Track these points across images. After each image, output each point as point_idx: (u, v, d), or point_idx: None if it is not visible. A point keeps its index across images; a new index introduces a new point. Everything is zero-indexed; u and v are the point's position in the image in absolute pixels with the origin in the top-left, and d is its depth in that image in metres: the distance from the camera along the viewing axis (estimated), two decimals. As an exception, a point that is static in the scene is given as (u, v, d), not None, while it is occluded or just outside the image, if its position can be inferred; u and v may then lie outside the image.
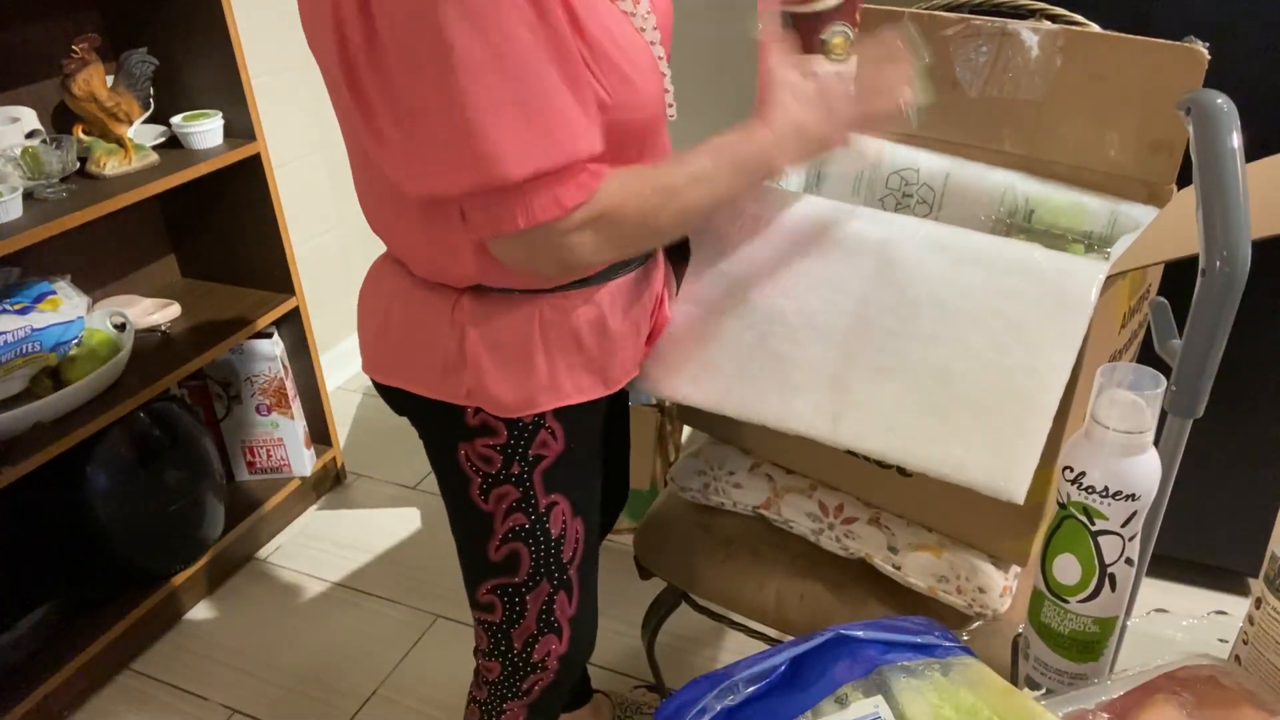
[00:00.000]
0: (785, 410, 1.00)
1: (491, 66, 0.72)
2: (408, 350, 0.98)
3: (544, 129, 0.75)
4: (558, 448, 1.00)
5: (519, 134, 0.75)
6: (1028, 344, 0.89)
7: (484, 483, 1.01)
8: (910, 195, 1.30)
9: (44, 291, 1.68)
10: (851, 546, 1.15)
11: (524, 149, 0.75)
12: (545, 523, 1.03)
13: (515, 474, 1.00)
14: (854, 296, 0.98)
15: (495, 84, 0.73)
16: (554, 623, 1.09)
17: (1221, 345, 0.65)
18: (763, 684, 0.65)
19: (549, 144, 0.76)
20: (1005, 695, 0.62)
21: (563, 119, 0.76)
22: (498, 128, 0.74)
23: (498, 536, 1.03)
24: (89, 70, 1.68)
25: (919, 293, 0.95)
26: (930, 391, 0.94)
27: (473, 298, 0.93)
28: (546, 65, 0.74)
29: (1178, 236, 0.82)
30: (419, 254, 0.94)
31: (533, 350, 0.94)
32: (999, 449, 0.90)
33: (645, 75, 0.84)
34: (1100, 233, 1.17)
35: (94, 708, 1.75)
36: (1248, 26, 1.40)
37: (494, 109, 0.73)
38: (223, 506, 1.97)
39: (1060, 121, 1.17)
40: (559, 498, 1.03)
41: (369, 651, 1.84)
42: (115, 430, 1.74)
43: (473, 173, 0.76)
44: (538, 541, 1.04)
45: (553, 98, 0.76)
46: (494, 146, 0.74)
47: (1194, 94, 0.66)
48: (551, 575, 1.06)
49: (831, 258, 1.00)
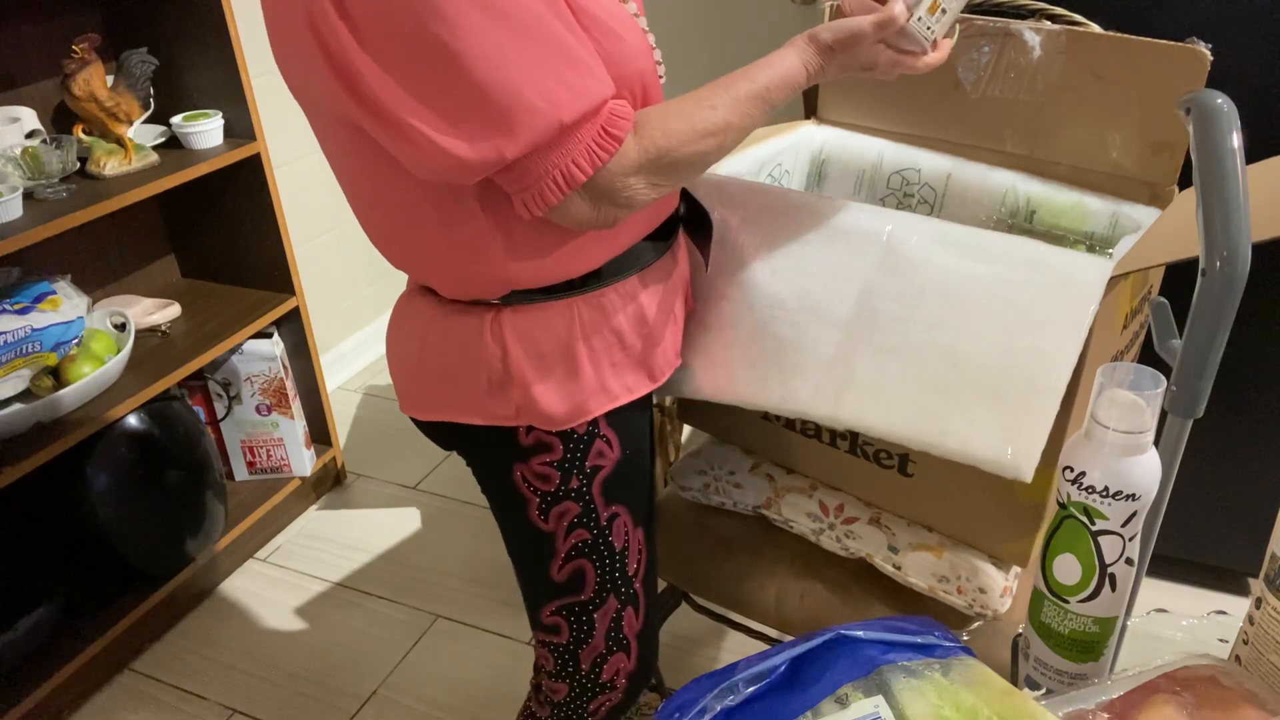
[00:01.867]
0: (786, 392, 1.00)
1: (495, 26, 0.73)
2: (449, 378, 0.95)
3: (571, 72, 0.77)
4: (614, 455, 0.99)
5: (551, 83, 0.75)
6: (1035, 329, 0.89)
7: (542, 502, 0.98)
8: (911, 195, 1.30)
9: (44, 291, 1.68)
10: (852, 546, 1.15)
11: (561, 94, 0.76)
12: (608, 536, 1.01)
13: (575, 489, 0.98)
14: (857, 284, 0.98)
15: (507, 42, 0.73)
16: (622, 639, 1.07)
17: (1221, 345, 0.65)
18: (763, 684, 0.65)
19: (580, 87, 0.77)
20: (1005, 695, 0.62)
21: (580, 63, 0.78)
22: (530, 81, 0.74)
23: (560, 556, 1.01)
24: (89, 70, 1.68)
25: (924, 280, 0.95)
26: (935, 371, 0.93)
27: (510, 311, 0.91)
28: (547, 17, 0.76)
29: (1180, 238, 0.82)
30: (444, 269, 0.92)
31: (577, 354, 0.93)
32: (1006, 426, 0.89)
33: (628, 27, 0.85)
34: (1102, 233, 1.17)
35: (94, 708, 1.75)
36: (1248, 26, 1.40)
37: (518, 65, 0.74)
38: (223, 506, 1.97)
39: (1062, 122, 1.17)
40: (619, 509, 1.01)
41: (369, 651, 1.84)
42: (115, 430, 1.73)
43: (525, 132, 0.76)
44: (602, 557, 1.02)
45: (563, 43, 0.77)
46: (536, 99, 0.75)
47: (1194, 94, 0.66)
48: (618, 590, 1.04)
49: (834, 248, 1.00)
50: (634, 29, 0.87)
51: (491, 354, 0.92)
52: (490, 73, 0.73)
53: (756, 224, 1.04)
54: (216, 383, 2.08)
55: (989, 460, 0.89)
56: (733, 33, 2.57)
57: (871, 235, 0.98)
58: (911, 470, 1.08)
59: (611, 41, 0.83)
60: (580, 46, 0.78)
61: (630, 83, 0.86)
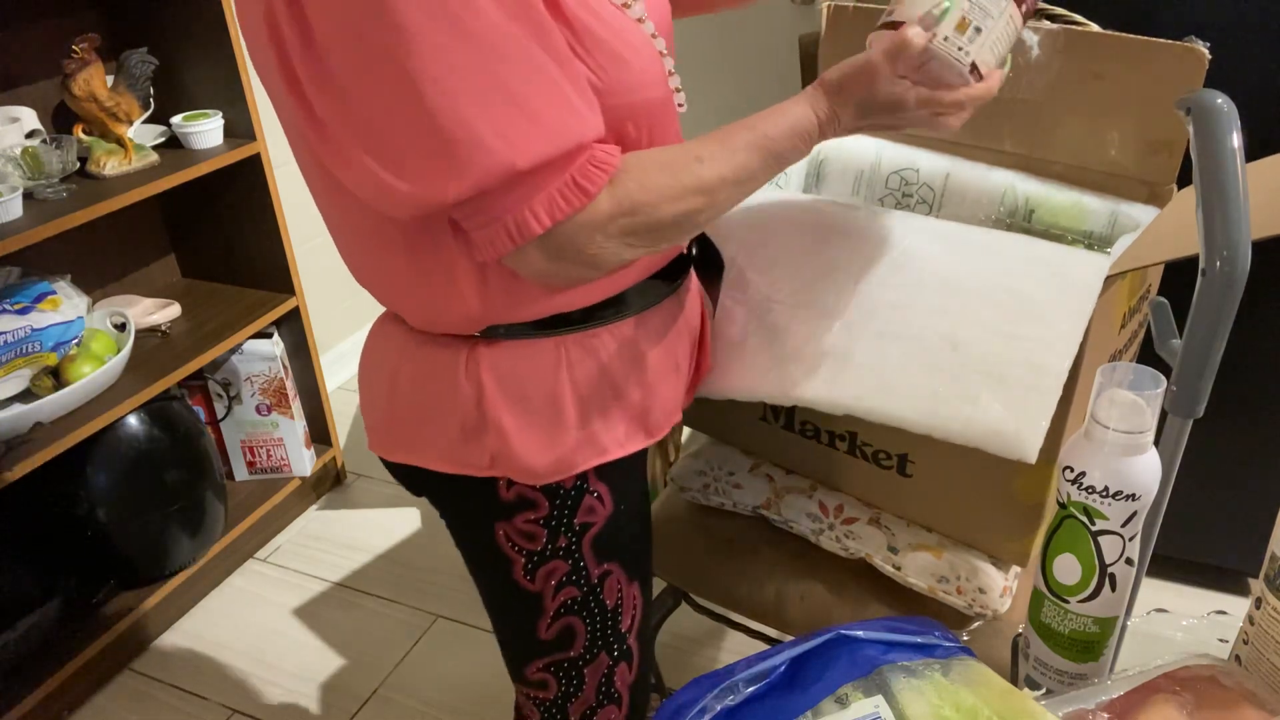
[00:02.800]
0: (782, 378, 0.97)
1: (458, 48, 0.64)
2: (421, 418, 0.86)
3: (538, 107, 0.67)
4: (606, 511, 0.90)
5: (513, 118, 0.66)
6: (1037, 317, 0.88)
7: (528, 562, 0.89)
8: (910, 195, 1.30)
9: (44, 291, 1.68)
10: (851, 546, 1.15)
11: (524, 132, 0.66)
12: (599, 594, 0.93)
13: (563, 547, 0.89)
14: (855, 276, 0.97)
15: (467, 64, 0.64)
16: (614, 693, 0.99)
17: (1221, 345, 0.65)
18: (763, 684, 0.65)
19: (548, 125, 0.67)
20: (1005, 695, 0.62)
21: (557, 96, 0.68)
22: (487, 114, 0.65)
23: (549, 615, 0.92)
24: (89, 70, 1.68)
25: (923, 273, 0.94)
26: (936, 355, 0.91)
27: (488, 345, 0.82)
28: (524, 41, 0.66)
29: (1178, 236, 0.82)
30: (412, 299, 0.82)
31: (562, 400, 0.83)
32: (1009, 406, 0.87)
33: (638, 52, 0.76)
34: (1100, 233, 1.17)
35: (94, 708, 1.75)
36: (1248, 26, 1.40)
37: (474, 91, 0.64)
38: (223, 506, 1.97)
39: (1060, 121, 1.17)
40: (612, 566, 0.92)
41: (369, 651, 1.84)
42: (115, 430, 1.73)
43: (470, 172, 0.66)
44: (593, 614, 0.93)
45: (539, 73, 0.67)
46: (484, 134, 0.65)
47: (1194, 94, 0.66)
48: (610, 647, 0.96)
49: (832, 245, 0.99)
50: (647, 53, 0.77)
51: (466, 394, 0.82)
52: (441, 99, 0.64)
53: (752, 224, 1.04)
54: (216, 383, 2.08)
55: (992, 441, 0.87)
56: (756, 62, 2.54)
57: (869, 232, 0.98)
58: (911, 470, 1.08)
59: (616, 67, 0.73)
60: (566, 78, 0.69)
61: (635, 114, 0.77)
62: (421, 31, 0.62)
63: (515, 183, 0.68)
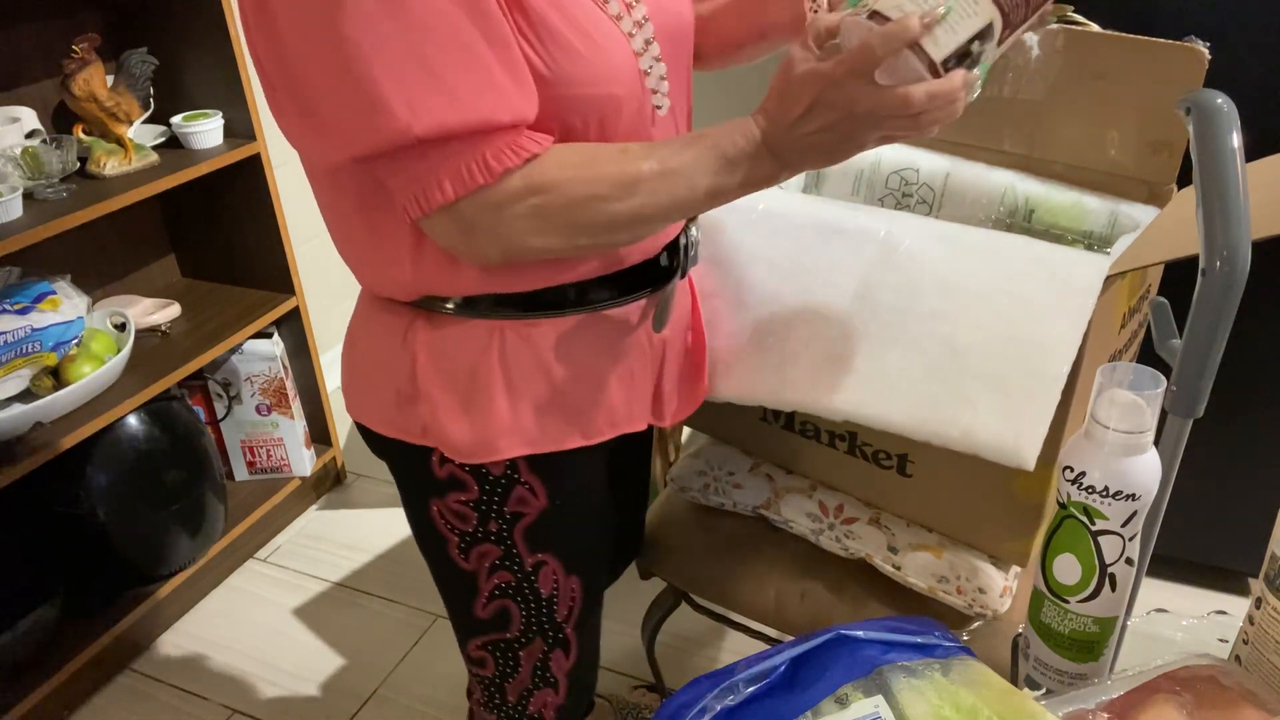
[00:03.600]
0: (781, 383, 0.97)
1: (386, 13, 0.65)
2: (368, 380, 0.90)
3: (454, 82, 0.67)
4: (539, 505, 0.90)
5: (422, 86, 0.66)
6: (1035, 320, 0.89)
7: (462, 541, 0.92)
8: (910, 195, 1.30)
9: (44, 291, 1.68)
10: (851, 546, 1.15)
11: (427, 101, 0.66)
12: (534, 582, 0.94)
13: (494, 532, 0.91)
14: (854, 279, 0.97)
15: (391, 33, 0.65)
16: (550, 678, 1.01)
17: (1221, 345, 0.65)
18: (763, 684, 0.65)
19: (460, 99, 0.67)
20: (1005, 695, 0.62)
21: (479, 74, 0.68)
22: (395, 79, 0.66)
23: (484, 595, 0.95)
24: (89, 70, 1.68)
25: (923, 275, 0.94)
26: (934, 360, 0.91)
27: (427, 320, 0.84)
28: (457, 18, 0.67)
29: (1178, 236, 0.82)
30: (361, 258, 0.85)
31: (491, 383, 0.84)
32: (1008, 413, 0.87)
33: (599, 47, 0.74)
34: (1100, 232, 1.17)
35: (94, 708, 1.75)
36: (1248, 26, 1.40)
37: (391, 59, 0.65)
38: (223, 506, 1.97)
39: (1060, 121, 1.17)
40: (547, 557, 0.93)
41: (369, 651, 1.84)
42: (115, 430, 1.73)
43: (370, 132, 0.68)
44: (527, 600, 0.95)
45: (464, 51, 0.67)
46: (390, 99, 0.66)
47: (1194, 94, 0.66)
48: (545, 634, 0.98)
49: (831, 245, 0.99)
50: (612, 49, 0.76)
51: (403, 362, 0.85)
52: (358, 62, 0.65)
53: (752, 224, 1.04)
54: (216, 383, 2.08)
55: (991, 448, 0.88)
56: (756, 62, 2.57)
57: (869, 233, 0.98)
58: (910, 470, 1.08)
59: (568, 58, 0.73)
60: (498, 59, 0.69)
61: (585, 108, 0.76)
62: (363, 9, 0.64)
63: (423, 151, 0.69)
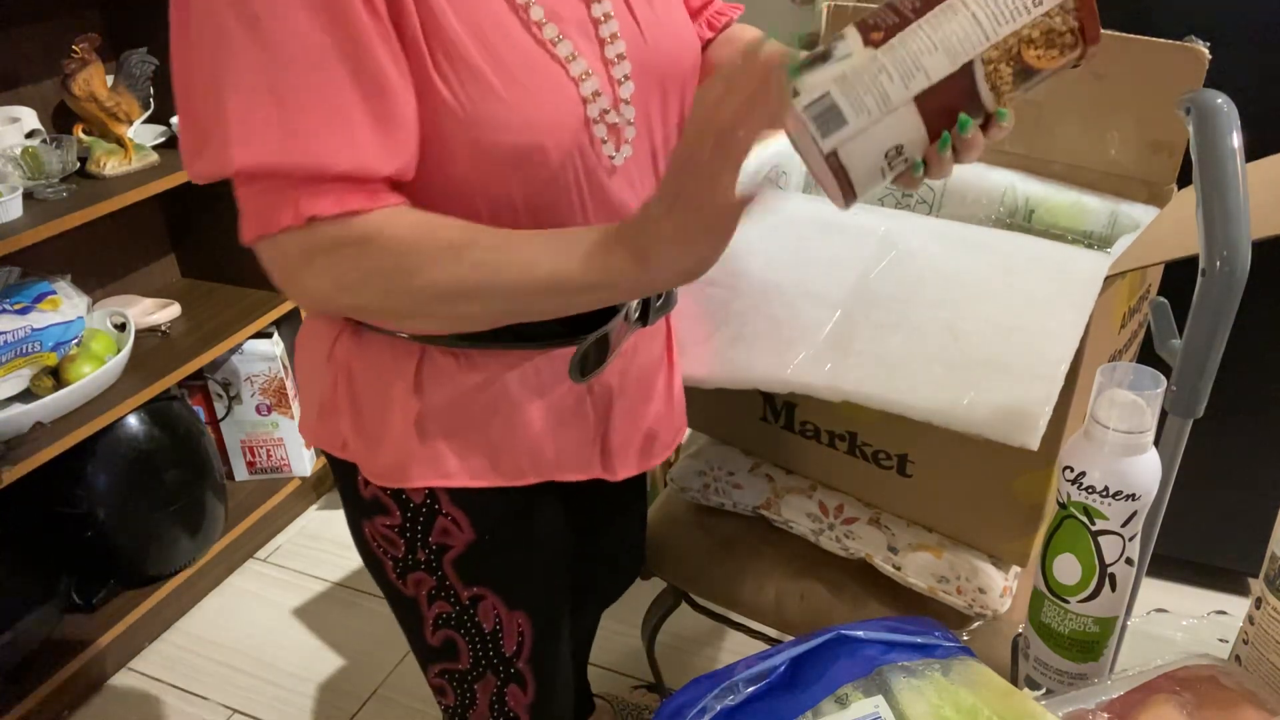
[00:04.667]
0: (780, 364, 0.96)
1: (253, 40, 0.61)
2: (303, 388, 0.88)
3: (293, 122, 0.63)
4: (465, 538, 0.86)
5: (260, 120, 0.62)
6: (1038, 310, 0.88)
7: (396, 566, 0.89)
8: (910, 195, 1.30)
9: (44, 291, 1.68)
10: (851, 546, 1.15)
11: (258, 136, 0.62)
12: (473, 615, 0.90)
13: (423, 561, 0.87)
14: (855, 271, 0.97)
15: (253, 62, 0.62)
16: (509, 713, 0.96)
17: (1221, 345, 0.65)
18: (763, 684, 0.65)
19: (293, 139, 0.63)
20: (1005, 695, 0.62)
21: (329, 119, 0.63)
22: (239, 108, 0.62)
23: (428, 623, 0.91)
24: (89, 70, 1.68)
25: (924, 268, 0.94)
26: (938, 344, 0.90)
27: (353, 333, 0.81)
28: (328, 54, 0.62)
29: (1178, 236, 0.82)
30: None
31: (406, 405, 0.80)
32: (1011, 392, 0.86)
33: (525, 92, 0.69)
34: (1100, 232, 1.17)
35: (94, 708, 1.75)
36: (1248, 26, 1.40)
37: (245, 87, 0.62)
38: (223, 506, 1.97)
39: (1060, 121, 1.17)
40: (483, 591, 0.89)
41: (369, 651, 1.84)
42: (115, 430, 1.73)
43: (202, 157, 0.65)
44: (470, 634, 0.91)
45: (320, 90, 0.63)
46: (227, 128, 0.63)
47: (1194, 94, 0.66)
48: (495, 669, 0.93)
49: (831, 240, 0.99)
50: (549, 92, 0.70)
51: (325, 374, 0.83)
52: (209, 83, 0.63)
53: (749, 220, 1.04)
54: (216, 383, 2.08)
55: (994, 427, 0.86)
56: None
57: (869, 230, 0.98)
58: (910, 470, 1.08)
59: (486, 99, 0.67)
60: (361, 101, 0.63)
61: (506, 156, 0.69)
62: (225, 23, 0.62)
63: (246, 180, 0.65)
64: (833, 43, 0.60)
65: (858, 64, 0.59)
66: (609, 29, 0.75)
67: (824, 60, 0.60)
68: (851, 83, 0.59)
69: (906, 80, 0.59)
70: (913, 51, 0.58)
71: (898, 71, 0.58)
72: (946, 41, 0.58)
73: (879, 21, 0.59)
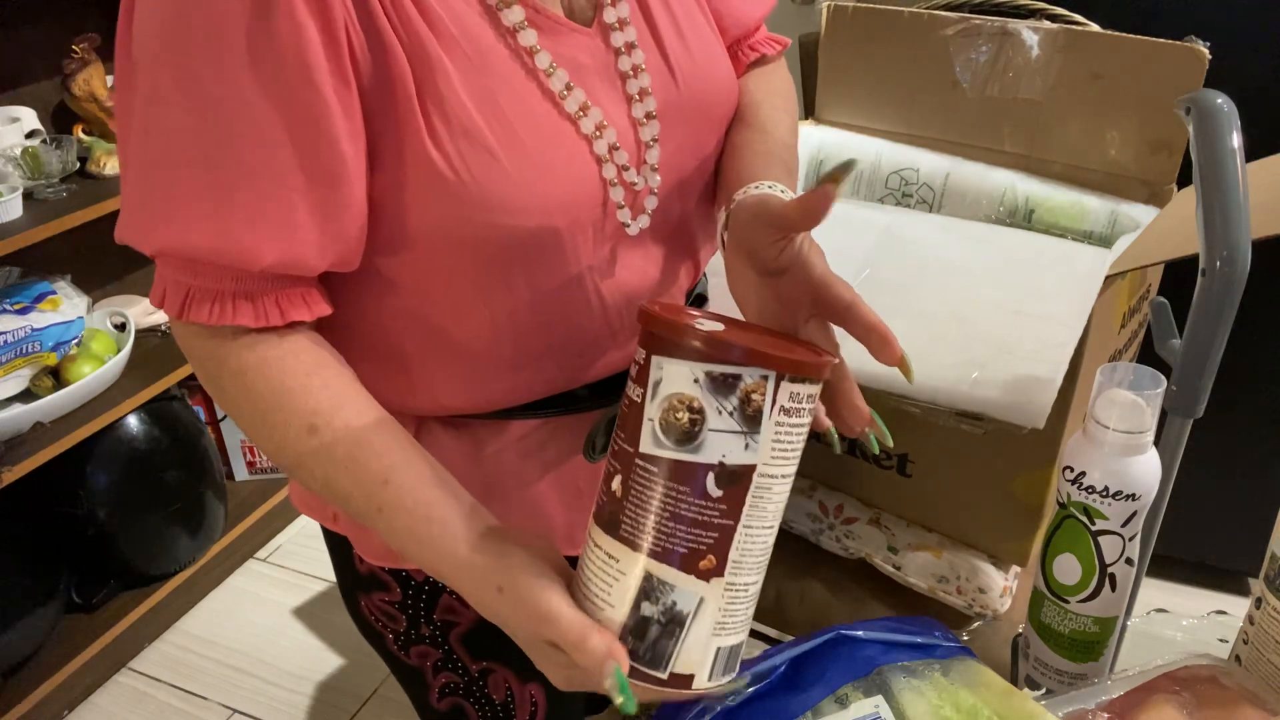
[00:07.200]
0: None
1: (188, 107, 0.54)
2: None
3: (224, 205, 0.55)
4: (472, 615, 0.78)
5: (186, 195, 0.56)
6: (1041, 298, 0.88)
7: (398, 640, 0.84)
8: (910, 195, 1.30)
9: (44, 291, 1.68)
10: (851, 546, 1.15)
11: (181, 215, 0.56)
12: (483, 687, 0.84)
13: (429, 636, 0.82)
14: (856, 260, 0.97)
15: (187, 130, 0.55)
16: None
17: (1221, 345, 0.65)
18: (763, 684, 0.65)
19: (220, 223, 0.56)
20: (1005, 695, 0.62)
21: (263, 206, 0.56)
22: (164, 180, 0.56)
23: (434, 690, 0.87)
24: (89, 70, 1.68)
25: (927, 259, 0.94)
26: (941, 328, 0.90)
27: None
28: (276, 135, 0.55)
29: (1178, 236, 0.82)
30: None
31: None
32: (1017, 371, 0.85)
33: (540, 170, 0.61)
34: (1100, 233, 1.17)
35: (94, 707, 1.75)
36: (1248, 26, 1.40)
37: (174, 159, 0.56)
38: (223, 506, 1.97)
39: (1060, 121, 1.17)
40: (494, 665, 0.83)
41: (369, 651, 1.83)
42: (115, 430, 1.73)
43: (125, 223, 0.60)
44: (480, 704, 0.86)
45: (261, 175, 0.55)
46: (151, 200, 0.58)
47: (1194, 94, 0.66)
48: None
49: (832, 233, 0.99)
50: (561, 162, 0.62)
51: None
52: (143, 153, 0.57)
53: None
54: (216, 383, 2.08)
55: (1000, 405, 0.85)
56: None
57: (872, 223, 0.98)
58: (911, 470, 1.08)
59: (485, 169, 0.59)
60: (305, 189, 0.56)
61: (509, 240, 0.61)
62: (160, 81, 0.54)
63: (163, 260, 0.61)
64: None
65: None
66: (638, 84, 0.67)
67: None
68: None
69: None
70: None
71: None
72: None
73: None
